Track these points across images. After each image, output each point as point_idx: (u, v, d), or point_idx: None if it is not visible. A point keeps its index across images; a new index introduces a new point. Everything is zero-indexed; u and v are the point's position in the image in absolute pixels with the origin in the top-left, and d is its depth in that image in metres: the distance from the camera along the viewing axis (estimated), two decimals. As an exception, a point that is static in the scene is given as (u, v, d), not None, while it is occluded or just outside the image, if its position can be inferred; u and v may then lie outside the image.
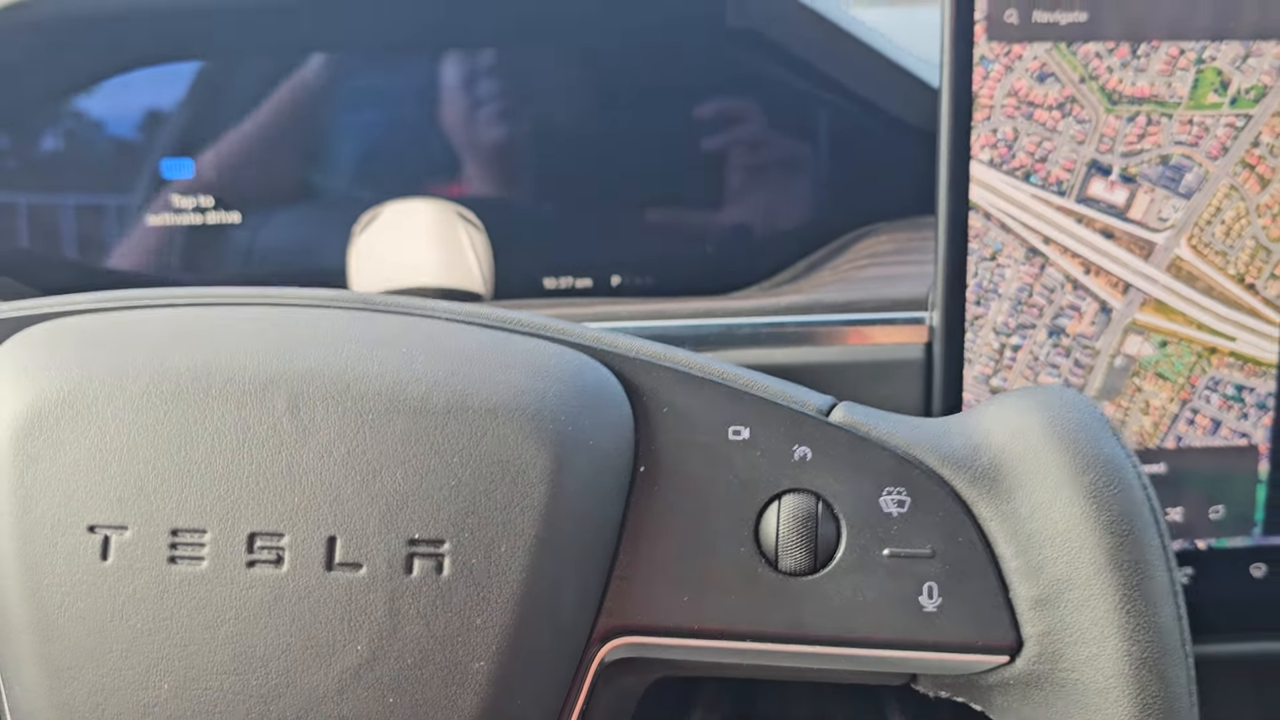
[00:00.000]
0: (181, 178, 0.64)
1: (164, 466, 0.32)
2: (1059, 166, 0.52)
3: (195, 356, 0.33)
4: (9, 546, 0.32)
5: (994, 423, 0.35)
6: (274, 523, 0.32)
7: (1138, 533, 0.32)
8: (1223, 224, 0.53)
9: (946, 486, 0.34)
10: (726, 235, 0.65)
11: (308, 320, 0.35)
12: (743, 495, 0.34)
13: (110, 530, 0.32)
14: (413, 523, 0.32)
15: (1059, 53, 0.51)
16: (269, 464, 0.32)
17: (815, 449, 0.34)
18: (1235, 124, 0.52)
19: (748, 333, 0.55)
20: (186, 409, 0.32)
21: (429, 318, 0.35)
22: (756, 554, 0.34)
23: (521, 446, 0.32)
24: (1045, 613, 0.33)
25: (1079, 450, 0.33)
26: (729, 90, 0.63)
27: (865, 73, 0.61)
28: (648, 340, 0.37)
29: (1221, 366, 0.54)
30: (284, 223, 0.65)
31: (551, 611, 0.32)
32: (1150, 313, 0.54)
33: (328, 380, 0.32)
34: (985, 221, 0.52)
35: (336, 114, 0.64)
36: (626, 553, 0.34)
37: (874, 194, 0.63)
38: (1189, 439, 0.55)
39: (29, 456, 0.32)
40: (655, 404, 0.35)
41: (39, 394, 0.33)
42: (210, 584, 0.31)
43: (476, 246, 0.64)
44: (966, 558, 0.33)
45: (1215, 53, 0.51)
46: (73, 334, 0.34)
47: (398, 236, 0.64)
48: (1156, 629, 0.32)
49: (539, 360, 0.34)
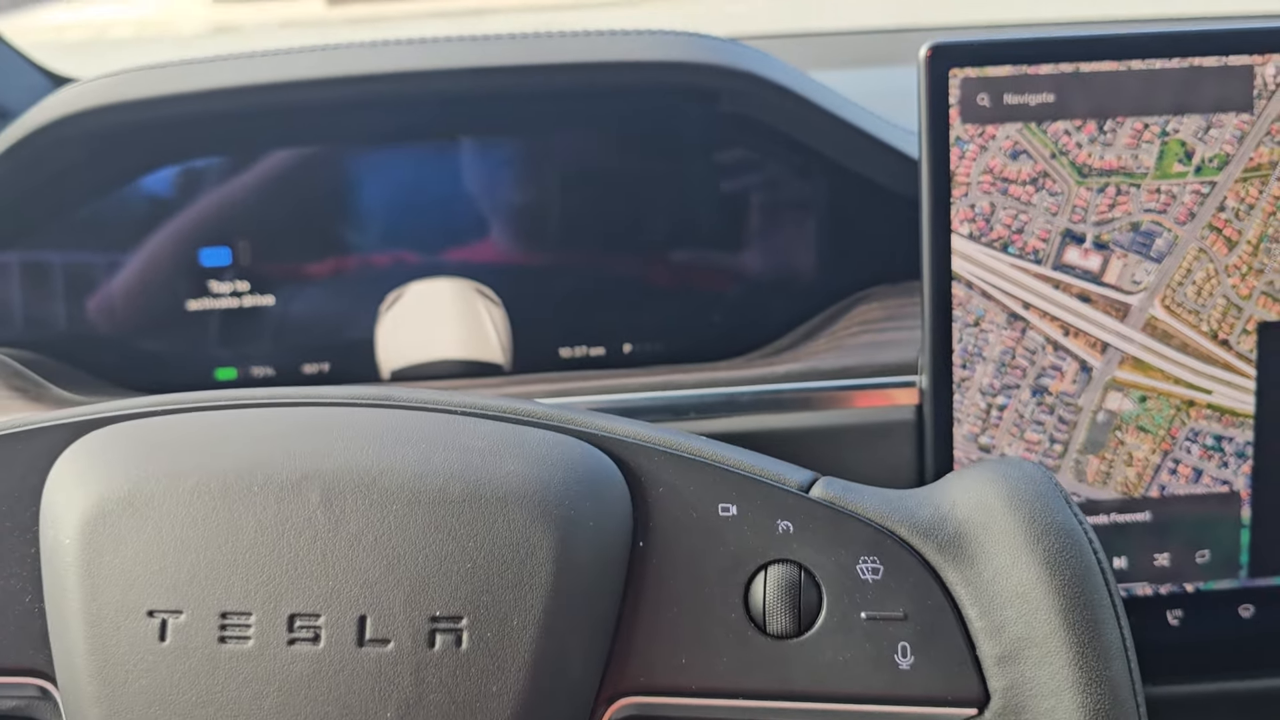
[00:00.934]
0: (219, 264, 0.68)
1: (213, 556, 0.36)
2: (1035, 237, 0.55)
3: (239, 457, 0.37)
4: (78, 630, 0.36)
5: (959, 494, 0.38)
6: (311, 604, 0.35)
7: (1089, 594, 0.35)
8: (1194, 284, 0.56)
9: (917, 554, 0.37)
10: (729, 303, 0.68)
11: (337, 420, 0.38)
12: (732, 566, 0.38)
13: (167, 614, 0.36)
14: (434, 601, 0.35)
15: (1030, 132, 0.54)
16: (306, 551, 0.36)
17: (796, 523, 0.38)
18: (1201, 190, 0.55)
19: (749, 400, 0.58)
20: (232, 504, 0.36)
21: (445, 412, 0.39)
22: (746, 619, 0.37)
23: (529, 530, 0.36)
24: (1008, 669, 0.36)
25: (1035, 518, 0.37)
26: (727, 170, 0.67)
27: (848, 147, 0.65)
28: (643, 424, 0.40)
29: (1200, 418, 0.57)
30: (314, 302, 0.69)
31: (561, 677, 0.36)
32: (1129, 370, 0.57)
33: (356, 475, 0.36)
34: (967, 290, 0.55)
35: (361, 201, 0.69)
36: (628, 621, 0.37)
37: (867, 260, 0.67)
38: (1172, 488, 0.58)
39: (95, 550, 0.36)
40: (651, 484, 0.38)
41: (103, 494, 0.37)
42: (256, 661, 0.35)
43: (495, 321, 0.68)
44: (936, 619, 0.37)
45: (1178, 125, 0.55)
46: (128, 438, 0.38)
47: (421, 313, 0.68)
48: (1109, 682, 0.35)
49: (543, 450, 0.38)
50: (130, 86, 0.64)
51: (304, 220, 0.68)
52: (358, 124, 0.67)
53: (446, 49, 0.64)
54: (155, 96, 0.64)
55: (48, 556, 0.37)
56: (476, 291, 0.68)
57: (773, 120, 0.64)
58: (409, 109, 0.67)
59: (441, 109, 0.67)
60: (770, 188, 0.67)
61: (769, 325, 0.67)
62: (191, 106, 0.65)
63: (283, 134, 0.67)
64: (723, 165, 0.67)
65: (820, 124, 0.63)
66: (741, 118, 0.65)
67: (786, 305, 0.67)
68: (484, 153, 0.68)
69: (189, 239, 0.68)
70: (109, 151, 0.67)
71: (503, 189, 0.68)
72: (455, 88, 0.64)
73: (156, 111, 0.64)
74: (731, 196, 0.68)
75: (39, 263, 0.69)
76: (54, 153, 0.65)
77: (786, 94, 0.62)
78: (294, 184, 0.68)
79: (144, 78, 0.64)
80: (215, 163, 0.68)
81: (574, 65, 0.62)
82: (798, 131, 0.64)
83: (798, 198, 0.67)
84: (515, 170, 0.68)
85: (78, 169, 0.67)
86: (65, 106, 0.64)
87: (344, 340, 0.69)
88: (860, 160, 0.65)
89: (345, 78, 0.63)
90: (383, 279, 0.69)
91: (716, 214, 0.68)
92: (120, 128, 0.65)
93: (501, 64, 0.63)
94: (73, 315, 0.69)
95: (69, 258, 0.69)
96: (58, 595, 0.37)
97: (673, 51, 0.62)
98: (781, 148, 0.66)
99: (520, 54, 0.63)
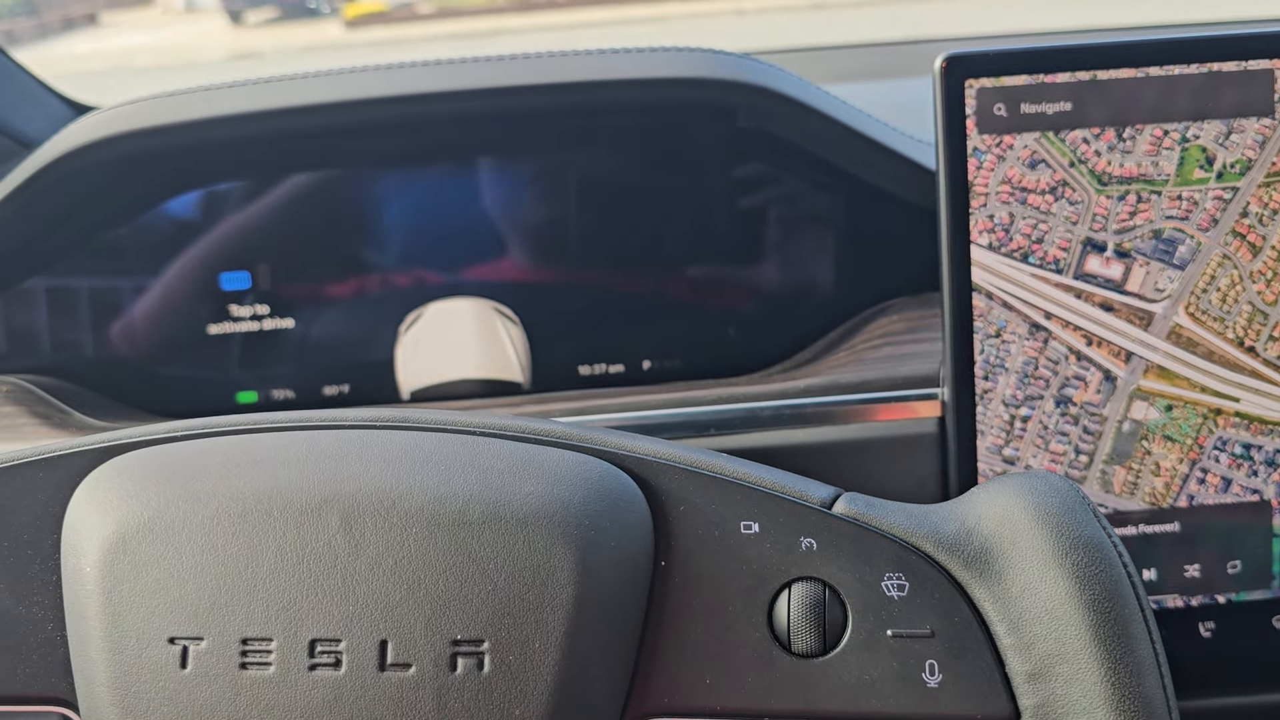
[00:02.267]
0: (239, 288, 0.68)
1: (233, 582, 0.36)
2: (1055, 246, 0.55)
3: (258, 482, 0.37)
4: (100, 657, 0.36)
5: (984, 509, 0.38)
6: (332, 629, 0.35)
7: (1119, 609, 0.35)
8: (1218, 291, 0.55)
9: (943, 570, 0.37)
10: (748, 318, 0.68)
11: (355, 443, 0.38)
12: (756, 585, 0.37)
13: (188, 641, 0.36)
14: (455, 625, 0.35)
15: (1048, 141, 0.54)
16: (326, 576, 0.36)
17: (820, 540, 0.37)
18: (1223, 196, 0.54)
19: (770, 415, 0.58)
20: (251, 530, 0.36)
21: (464, 433, 0.39)
22: (770, 638, 0.37)
23: (550, 552, 0.36)
24: (1039, 686, 0.35)
25: (1063, 533, 0.36)
26: (744, 185, 0.67)
27: (865, 160, 0.65)
28: (662, 441, 0.40)
29: (1228, 426, 0.57)
30: (334, 324, 0.69)
31: (584, 700, 0.36)
32: (1154, 379, 0.56)
33: (375, 499, 0.36)
34: (988, 301, 0.55)
35: (380, 222, 0.69)
36: (651, 641, 0.37)
37: (886, 273, 0.67)
38: (1201, 497, 0.57)
39: (116, 577, 0.36)
40: (672, 503, 0.38)
41: (122, 521, 0.37)
42: (277, 687, 0.35)
43: (514, 340, 0.68)
44: (964, 636, 0.36)
45: (1199, 131, 0.54)
46: (148, 464, 0.38)
47: (440, 334, 0.68)
48: (1142, 699, 0.34)
49: (563, 470, 0.37)
50: (151, 113, 0.64)
51: (323, 243, 0.69)
52: (377, 146, 0.68)
53: (465, 70, 0.64)
54: (176, 123, 0.64)
55: (69, 584, 0.37)
56: (495, 311, 0.68)
57: (789, 134, 0.64)
58: (429, 131, 0.67)
59: (461, 130, 0.67)
60: (787, 202, 0.67)
61: (788, 340, 0.67)
62: (211, 132, 0.65)
63: (302, 158, 0.68)
64: (740, 181, 0.67)
65: (836, 137, 0.63)
66: (758, 133, 0.65)
67: (805, 319, 0.67)
68: (502, 172, 0.68)
69: (209, 263, 0.69)
70: (130, 177, 0.67)
71: (521, 208, 0.68)
72: (474, 108, 0.64)
73: (177, 137, 0.64)
74: (749, 212, 0.67)
75: (61, 289, 0.69)
76: (76, 180, 0.66)
77: (802, 108, 0.62)
78: (313, 207, 0.68)
79: (164, 104, 0.65)
80: (235, 187, 0.69)
81: (592, 83, 0.62)
82: (814, 145, 0.64)
83: (815, 212, 0.67)
84: (533, 189, 0.68)
85: (99, 195, 0.68)
86: (87, 134, 0.65)
87: (364, 361, 0.69)
88: (877, 172, 0.64)
89: (365, 100, 0.64)
90: (402, 300, 0.69)
91: (734, 229, 0.67)
92: (141, 154, 0.65)
93: (518, 84, 0.63)
94: (95, 341, 0.69)
95: (91, 284, 0.69)
96: (79, 622, 0.37)
97: (688, 68, 0.62)
98: (798, 162, 0.66)
99: (537, 73, 0.63)
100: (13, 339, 0.69)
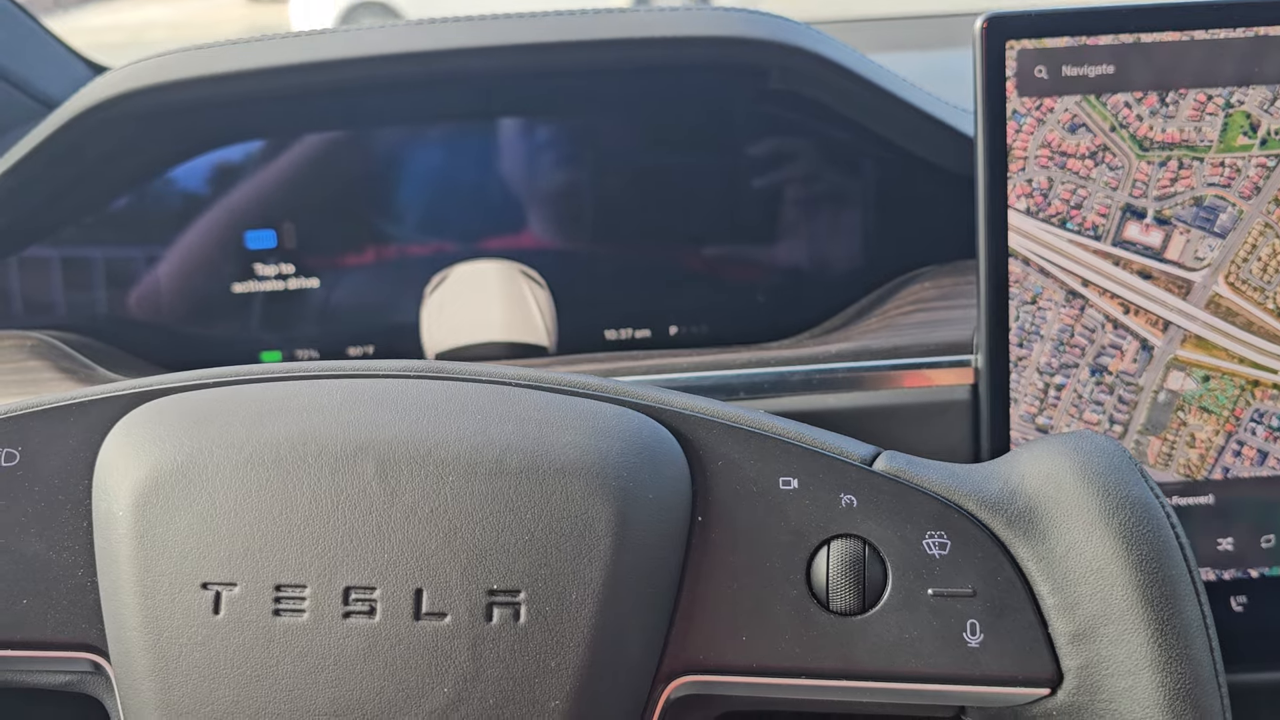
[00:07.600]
0: (264, 247, 0.68)
1: (267, 528, 0.35)
2: (1094, 212, 0.54)
3: (292, 428, 0.36)
4: (132, 603, 0.36)
5: (1028, 467, 0.37)
6: (367, 577, 0.35)
7: (1167, 569, 0.34)
8: (1259, 260, 0.54)
9: (985, 529, 0.36)
10: (777, 285, 0.67)
11: (392, 391, 0.38)
12: (795, 541, 0.37)
13: (221, 587, 0.35)
14: (491, 575, 0.35)
15: (1089, 104, 0.53)
16: (361, 524, 0.35)
17: (860, 497, 0.37)
18: (1267, 164, 0.53)
19: (800, 379, 0.57)
20: (286, 476, 0.36)
21: (501, 384, 0.39)
22: (809, 596, 0.36)
23: (588, 503, 0.35)
24: (1083, 647, 0.35)
25: (1109, 492, 0.35)
26: (775, 148, 0.66)
27: (902, 125, 0.64)
28: (700, 396, 0.39)
29: (1265, 399, 0.56)
30: (359, 285, 0.69)
31: (619, 653, 0.35)
32: (1191, 349, 0.55)
33: (412, 446, 0.36)
34: (1024, 267, 0.54)
35: (406, 183, 0.68)
36: (687, 597, 0.37)
37: (917, 240, 0.66)
38: (1236, 470, 0.57)
39: (148, 522, 0.36)
40: (710, 458, 0.38)
41: (155, 465, 0.36)
42: (311, 634, 0.35)
43: (540, 303, 0.67)
44: (1006, 596, 0.36)
45: (1243, 97, 0.53)
46: (181, 409, 0.38)
47: (466, 296, 0.67)
48: (1190, 660, 0.34)
49: (601, 421, 0.37)
50: (174, 68, 0.64)
51: (349, 203, 0.68)
52: (401, 105, 0.67)
53: (494, 26, 0.63)
54: (198, 76, 0.63)
55: (100, 529, 0.37)
56: (521, 273, 0.67)
57: (823, 97, 0.63)
58: (452, 88, 0.66)
59: (486, 88, 0.66)
60: (819, 167, 0.66)
61: (818, 308, 0.66)
62: (234, 87, 0.65)
63: (327, 115, 0.67)
64: (772, 146, 0.66)
65: (872, 100, 0.62)
66: (791, 95, 0.64)
67: (835, 287, 0.66)
68: (530, 135, 0.67)
69: (234, 222, 0.68)
70: (153, 134, 0.67)
71: (548, 171, 0.68)
72: (502, 65, 0.63)
73: (199, 92, 0.64)
74: (781, 177, 0.67)
75: (85, 248, 0.69)
76: (99, 136, 0.65)
77: (837, 69, 0.61)
78: (338, 166, 0.68)
79: (187, 58, 0.64)
80: (259, 146, 0.68)
81: (623, 40, 0.62)
82: (849, 108, 0.63)
83: (847, 177, 0.66)
84: (561, 152, 0.67)
85: (122, 153, 0.67)
86: (110, 89, 0.64)
87: (389, 323, 0.68)
88: (913, 137, 0.64)
89: (386, 55, 0.63)
90: (427, 262, 0.68)
91: (765, 195, 0.67)
92: (164, 110, 0.65)
93: (549, 40, 0.62)
94: (120, 299, 0.69)
95: (115, 243, 0.69)
96: (110, 568, 0.37)
97: (724, 26, 0.61)
98: (832, 126, 0.65)
99: (568, 30, 0.62)
100: (38, 297, 0.68)
